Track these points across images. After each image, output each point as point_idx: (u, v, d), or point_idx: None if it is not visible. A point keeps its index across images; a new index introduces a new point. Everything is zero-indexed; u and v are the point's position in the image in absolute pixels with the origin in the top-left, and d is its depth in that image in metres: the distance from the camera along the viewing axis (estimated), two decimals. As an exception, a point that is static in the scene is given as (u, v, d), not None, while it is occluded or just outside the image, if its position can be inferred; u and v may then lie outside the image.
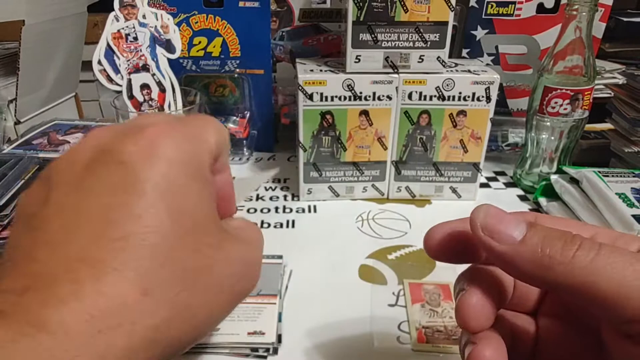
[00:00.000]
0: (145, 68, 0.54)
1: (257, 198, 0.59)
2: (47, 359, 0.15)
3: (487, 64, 0.65)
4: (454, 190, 0.58)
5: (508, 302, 0.24)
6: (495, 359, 0.20)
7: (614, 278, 0.17)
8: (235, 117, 0.67)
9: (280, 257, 0.46)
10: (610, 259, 0.17)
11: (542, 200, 0.56)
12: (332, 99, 0.52)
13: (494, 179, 0.64)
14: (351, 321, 0.39)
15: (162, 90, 0.56)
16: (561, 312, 0.23)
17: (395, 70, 0.52)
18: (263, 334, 0.37)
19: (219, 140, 0.23)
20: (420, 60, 0.52)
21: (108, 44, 0.52)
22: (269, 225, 0.53)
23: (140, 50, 0.54)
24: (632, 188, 0.49)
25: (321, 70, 0.53)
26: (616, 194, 0.47)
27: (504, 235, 0.20)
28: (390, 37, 0.50)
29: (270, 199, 0.59)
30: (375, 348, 0.36)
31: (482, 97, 0.53)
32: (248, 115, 0.67)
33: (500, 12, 0.63)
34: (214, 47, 0.63)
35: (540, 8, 0.62)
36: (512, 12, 0.63)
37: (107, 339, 0.16)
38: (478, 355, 0.20)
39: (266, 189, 0.61)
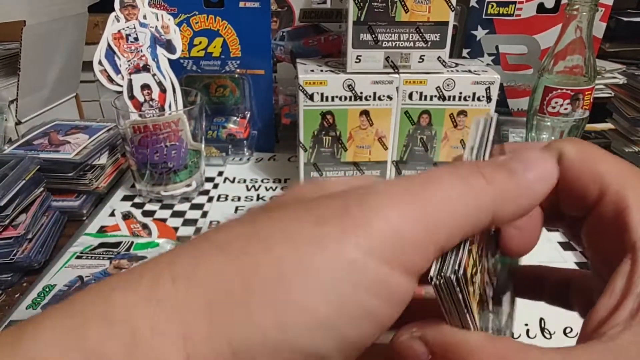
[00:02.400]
0: (145, 68, 0.54)
1: (258, 198, 0.59)
2: None
3: (488, 64, 0.65)
4: (454, 190, 0.58)
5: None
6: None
7: None
8: (235, 118, 0.67)
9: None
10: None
11: (543, 200, 0.56)
12: (332, 99, 0.52)
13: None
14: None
15: (163, 90, 0.56)
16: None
17: (396, 70, 0.52)
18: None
19: None
20: (421, 60, 0.52)
21: (109, 45, 0.52)
22: (270, 225, 0.53)
23: (141, 51, 0.54)
24: (632, 188, 0.49)
25: (322, 71, 0.53)
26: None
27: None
28: (390, 37, 0.50)
29: (271, 199, 0.59)
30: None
31: (483, 97, 0.53)
32: (248, 115, 0.67)
33: (501, 12, 0.63)
34: (215, 47, 0.63)
35: (541, 8, 0.62)
36: (512, 12, 0.63)
37: None
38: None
39: (267, 189, 0.61)
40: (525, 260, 0.21)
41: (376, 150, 0.56)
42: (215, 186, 0.62)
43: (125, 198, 0.59)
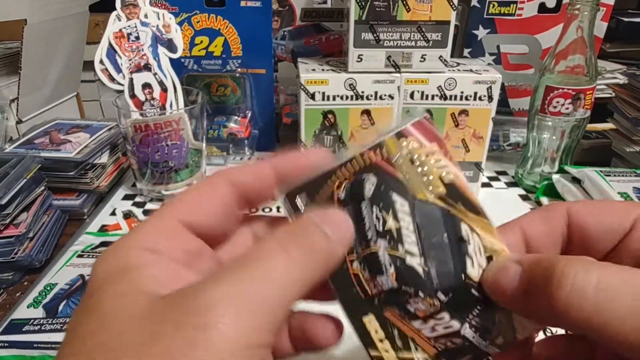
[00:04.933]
0: (147, 67, 0.54)
1: (259, 197, 0.59)
2: None
3: (489, 64, 0.65)
4: (455, 190, 0.58)
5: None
6: None
7: (607, 313, 0.17)
8: (236, 117, 0.67)
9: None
10: (597, 297, 0.17)
11: (544, 200, 0.56)
12: (334, 99, 0.52)
13: (496, 179, 0.64)
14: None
15: (164, 89, 0.56)
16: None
17: (397, 69, 0.52)
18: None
19: None
20: (422, 59, 0.52)
21: (110, 44, 0.52)
22: (271, 224, 0.53)
23: (142, 50, 0.54)
24: (634, 187, 0.49)
25: (323, 70, 0.53)
26: (618, 193, 0.47)
27: (505, 290, 0.20)
28: (392, 36, 0.50)
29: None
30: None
31: (484, 96, 0.53)
32: (249, 114, 0.67)
33: (502, 12, 0.63)
34: (216, 46, 0.63)
35: (542, 8, 0.62)
36: (513, 12, 0.63)
37: None
38: None
39: (268, 189, 0.61)
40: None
41: (377, 149, 0.56)
42: (216, 185, 0.62)
43: (126, 197, 0.59)
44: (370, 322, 0.20)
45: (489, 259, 0.21)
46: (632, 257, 0.21)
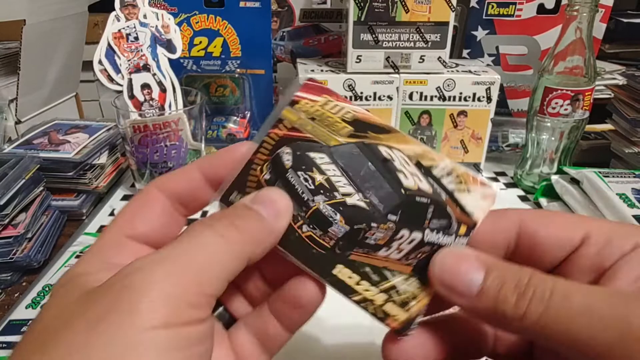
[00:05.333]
0: (146, 68, 0.54)
1: (258, 198, 0.59)
2: None
3: (488, 65, 0.65)
4: (454, 191, 0.58)
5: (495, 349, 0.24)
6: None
7: (562, 330, 0.17)
8: (235, 117, 0.67)
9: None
10: (560, 311, 0.17)
11: (543, 201, 0.56)
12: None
13: (495, 180, 0.64)
14: (352, 321, 0.39)
15: (163, 90, 0.56)
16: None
17: (396, 70, 0.52)
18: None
19: None
20: (421, 60, 0.52)
21: (109, 44, 0.52)
22: (270, 225, 0.53)
23: (141, 50, 0.54)
24: (632, 188, 0.49)
25: (322, 70, 0.53)
26: (617, 194, 0.47)
27: (460, 289, 0.19)
28: (391, 37, 0.50)
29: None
30: (377, 347, 0.36)
31: (483, 97, 0.53)
32: (249, 115, 0.67)
33: (501, 13, 0.63)
34: (215, 47, 0.63)
35: (541, 9, 0.62)
36: (512, 13, 0.63)
37: None
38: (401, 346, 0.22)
39: (267, 189, 0.61)
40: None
41: (376, 150, 0.56)
42: (215, 186, 0.62)
43: (125, 197, 0.59)
44: (341, 271, 0.21)
45: (418, 164, 0.22)
46: (580, 272, 0.20)
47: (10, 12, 0.79)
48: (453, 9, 0.49)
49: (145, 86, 0.55)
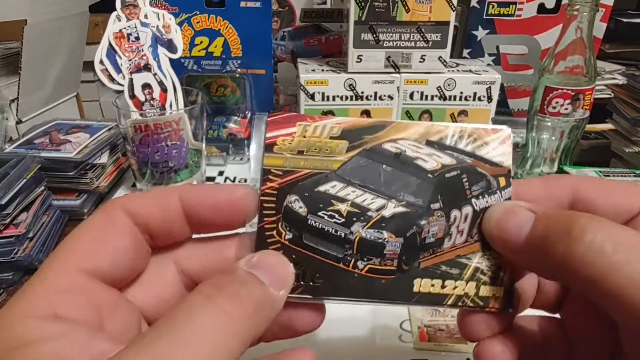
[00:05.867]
0: (146, 68, 0.54)
1: (259, 197, 0.59)
2: None
3: (488, 64, 0.66)
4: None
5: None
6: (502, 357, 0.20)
7: (603, 274, 0.16)
8: (236, 117, 0.67)
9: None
10: (614, 257, 0.16)
11: (543, 200, 0.56)
12: (333, 99, 0.52)
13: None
14: (353, 320, 0.39)
15: (164, 89, 0.56)
16: (587, 310, 0.22)
17: (397, 70, 0.52)
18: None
19: None
20: (422, 60, 0.52)
21: (110, 44, 0.52)
22: (271, 224, 0.53)
23: (142, 50, 0.54)
24: (633, 188, 0.49)
25: (323, 70, 0.53)
26: (617, 193, 0.47)
27: (510, 236, 0.19)
28: (391, 37, 0.51)
29: None
30: (377, 346, 0.37)
31: (483, 97, 0.53)
32: (249, 115, 0.67)
33: (501, 13, 0.63)
34: (216, 47, 0.63)
35: (541, 8, 0.62)
36: (513, 13, 0.63)
37: None
38: (487, 349, 0.20)
39: (267, 189, 0.61)
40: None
41: (377, 150, 0.56)
42: (216, 185, 0.62)
43: (126, 197, 0.59)
44: (421, 285, 0.20)
45: (428, 143, 0.21)
46: None
47: (11, 12, 0.79)
48: (454, 9, 0.49)
49: (146, 86, 0.55)
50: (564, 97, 0.54)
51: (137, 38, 0.54)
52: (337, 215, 0.20)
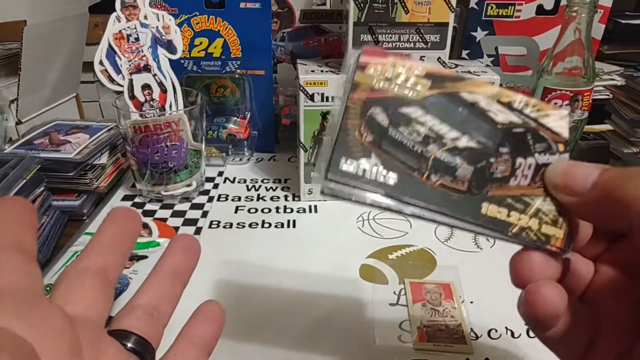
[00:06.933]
0: (146, 68, 0.55)
1: (258, 198, 0.59)
2: None
3: (487, 65, 0.66)
4: (454, 191, 0.58)
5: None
6: (554, 297, 0.21)
7: None
8: (236, 118, 0.67)
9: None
10: None
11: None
12: (333, 100, 0.53)
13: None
14: (353, 320, 0.39)
15: (164, 90, 0.56)
16: (625, 263, 0.23)
17: (396, 71, 0.52)
18: (265, 332, 0.37)
19: None
20: (421, 61, 0.52)
21: (110, 45, 0.53)
22: (270, 225, 0.53)
23: (142, 51, 0.54)
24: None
25: (322, 71, 0.53)
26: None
27: (576, 185, 0.21)
28: (391, 37, 0.51)
29: (271, 199, 0.59)
30: (377, 346, 0.37)
31: (482, 97, 0.53)
32: (249, 115, 0.68)
33: (500, 14, 0.63)
34: (215, 47, 0.64)
35: (540, 9, 0.63)
36: (511, 14, 0.63)
37: None
38: (536, 289, 0.21)
39: (267, 189, 0.61)
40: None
41: (376, 150, 0.56)
42: (216, 186, 0.62)
43: (126, 198, 0.59)
44: (489, 209, 0.21)
45: (499, 102, 0.23)
46: None
47: (10, 12, 0.79)
48: (452, 10, 0.49)
49: (145, 87, 0.55)
50: (562, 98, 0.54)
51: (137, 39, 0.54)
52: (415, 134, 0.21)
